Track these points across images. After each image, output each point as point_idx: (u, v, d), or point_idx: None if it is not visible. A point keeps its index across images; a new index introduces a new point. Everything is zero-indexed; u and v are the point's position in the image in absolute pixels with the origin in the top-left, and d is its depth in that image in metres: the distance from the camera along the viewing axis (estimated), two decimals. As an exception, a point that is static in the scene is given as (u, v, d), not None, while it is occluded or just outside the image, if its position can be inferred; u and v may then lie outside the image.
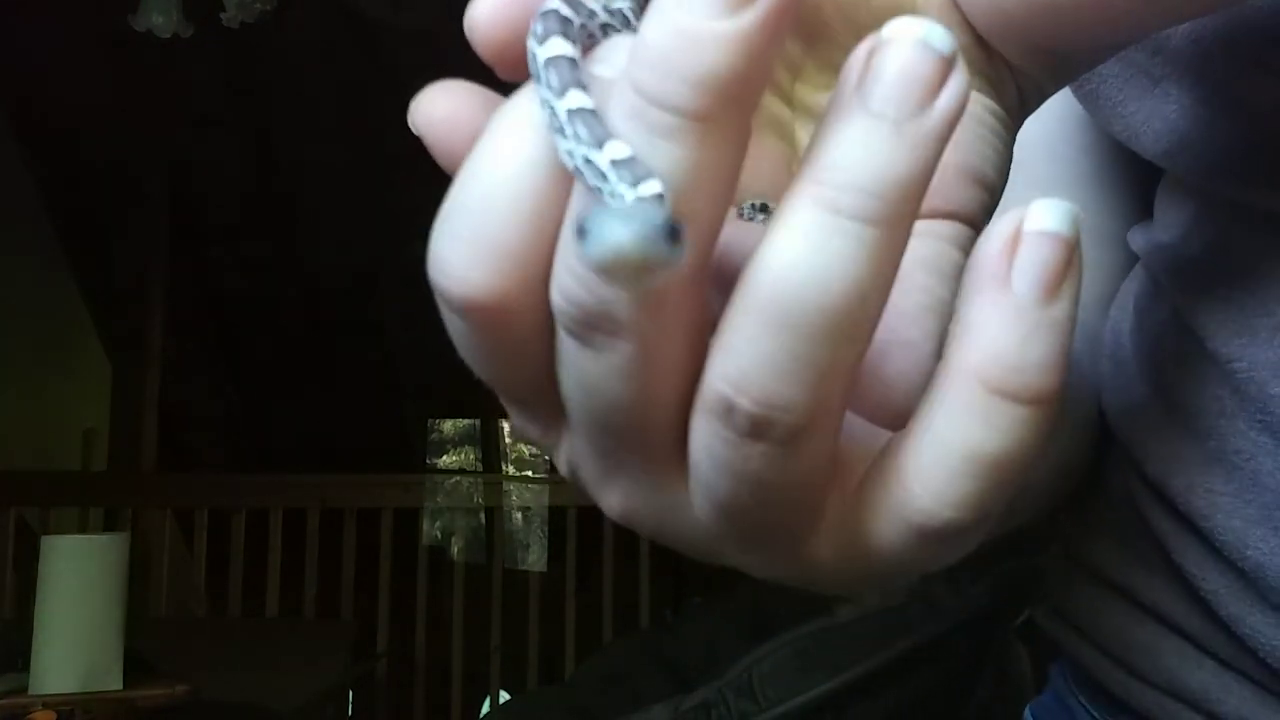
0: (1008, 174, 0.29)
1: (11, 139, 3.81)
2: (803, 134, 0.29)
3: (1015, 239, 0.21)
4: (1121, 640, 0.42)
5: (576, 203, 0.21)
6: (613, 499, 0.25)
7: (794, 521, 0.23)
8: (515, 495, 3.93)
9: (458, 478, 4.01)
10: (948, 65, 0.20)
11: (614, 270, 0.19)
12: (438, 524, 4.46)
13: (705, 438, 0.22)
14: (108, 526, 3.40)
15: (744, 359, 0.20)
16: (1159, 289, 0.42)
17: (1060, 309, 0.21)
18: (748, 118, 0.20)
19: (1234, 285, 0.37)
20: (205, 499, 3.49)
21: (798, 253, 0.20)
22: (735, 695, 1.39)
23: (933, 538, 0.22)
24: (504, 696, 3.34)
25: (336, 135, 3.90)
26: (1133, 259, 0.46)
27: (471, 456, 5.54)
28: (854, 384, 0.22)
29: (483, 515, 4.15)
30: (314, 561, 3.34)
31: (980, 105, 0.28)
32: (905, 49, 0.20)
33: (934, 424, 0.22)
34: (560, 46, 0.21)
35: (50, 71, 3.58)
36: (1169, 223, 0.42)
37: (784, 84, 0.29)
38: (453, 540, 4.67)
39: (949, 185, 0.26)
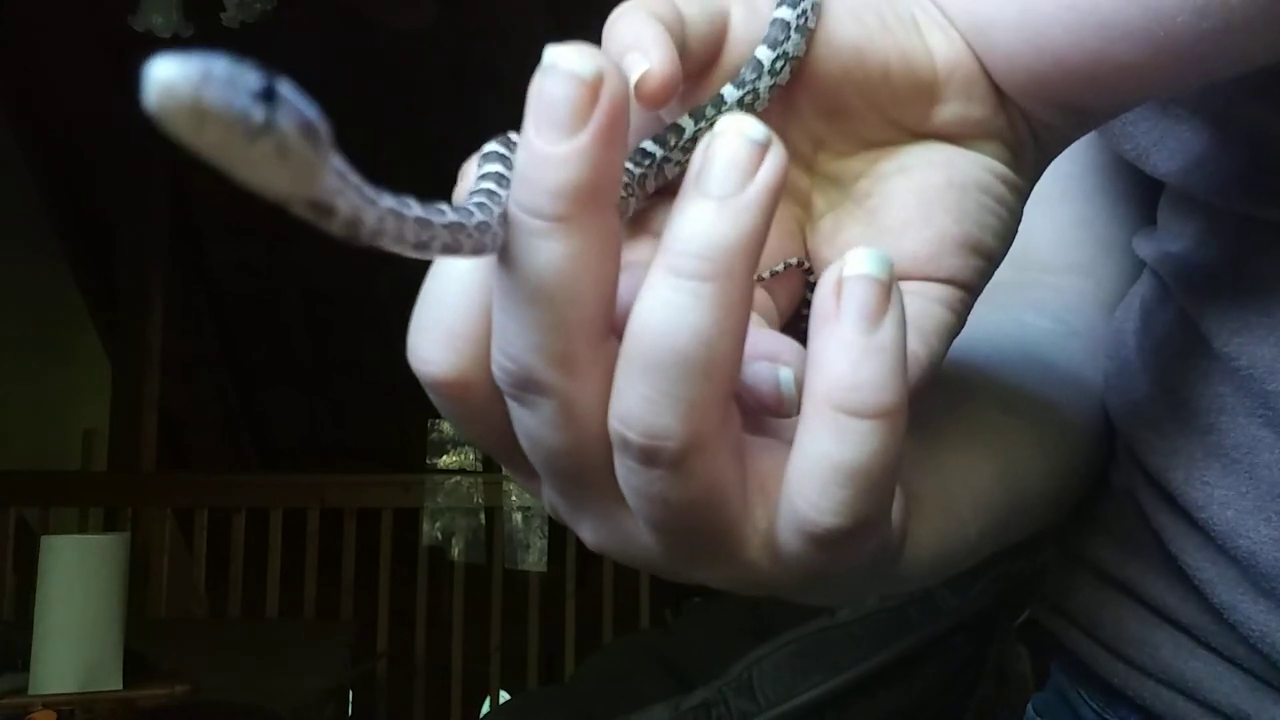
0: (1011, 238, 0.32)
1: (11, 139, 3.82)
2: (820, 200, 0.33)
3: (840, 283, 0.24)
4: (1119, 633, 0.43)
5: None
6: (585, 533, 0.29)
7: (714, 531, 0.26)
8: (515, 495, 3.93)
9: (458, 478, 4.00)
10: (763, 150, 0.23)
11: (172, 117, 0.16)
12: (438, 524, 4.46)
13: (620, 470, 0.26)
14: (108, 526, 3.40)
15: (627, 399, 0.24)
16: (1166, 292, 0.43)
17: (884, 335, 0.24)
18: (607, 212, 0.23)
19: (1239, 289, 0.39)
20: (205, 499, 3.50)
21: (651, 309, 0.24)
22: (735, 695, 1.39)
23: (824, 542, 0.26)
24: (504, 696, 3.35)
25: (336, 135, 3.90)
26: (1138, 264, 0.47)
27: (471, 456, 5.54)
28: (731, 412, 0.26)
29: (483, 515, 4.15)
30: (314, 561, 3.34)
31: (990, 174, 0.31)
32: (729, 140, 0.23)
33: (803, 443, 0.25)
34: (496, 165, 0.25)
35: (50, 71, 3.58)
36: (1176, 233, 0.44)
37: (807, 155, 0.32)
38: (453, 540, 4.68)
39: (946, 254, 0.30)
